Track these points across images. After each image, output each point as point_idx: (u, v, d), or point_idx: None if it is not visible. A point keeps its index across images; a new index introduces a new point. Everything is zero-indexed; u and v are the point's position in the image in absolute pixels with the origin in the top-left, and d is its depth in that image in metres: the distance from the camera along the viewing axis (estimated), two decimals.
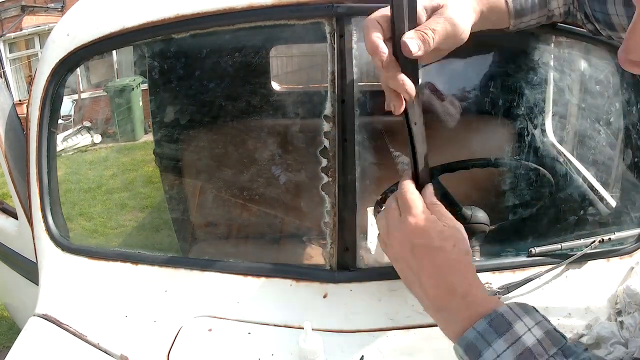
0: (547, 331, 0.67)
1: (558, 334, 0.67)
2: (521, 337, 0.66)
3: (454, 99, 1.32)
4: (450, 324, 0.73)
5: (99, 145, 3.02)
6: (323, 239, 0.99)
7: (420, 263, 0.75)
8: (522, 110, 1.39)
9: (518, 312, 0.68)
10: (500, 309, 0.69)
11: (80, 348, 0.91)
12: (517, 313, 0.68)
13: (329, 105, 0.91)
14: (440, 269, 0.74)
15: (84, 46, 1.04)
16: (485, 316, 0.69)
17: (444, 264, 0.74)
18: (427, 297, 0.75)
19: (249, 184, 1.55)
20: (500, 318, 0.68)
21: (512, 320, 0.67)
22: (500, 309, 0.69)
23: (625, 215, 1.19)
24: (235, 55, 1.45)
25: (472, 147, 1.48)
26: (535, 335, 0.66)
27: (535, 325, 0.67)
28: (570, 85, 1.54)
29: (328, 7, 0.91)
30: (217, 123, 1.65)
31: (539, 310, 0.70)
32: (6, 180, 1.23)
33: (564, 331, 0.69)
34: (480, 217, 1.15)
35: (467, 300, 0.72)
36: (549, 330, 0.67)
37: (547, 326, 0.68)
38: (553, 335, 0.66)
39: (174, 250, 1.64)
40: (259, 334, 0.91)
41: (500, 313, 0.69)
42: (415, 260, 0.76)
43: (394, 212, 0.80)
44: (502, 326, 0.67)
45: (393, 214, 0.80)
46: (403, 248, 0.77)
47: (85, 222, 2.42)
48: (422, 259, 0.75)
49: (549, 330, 0.67)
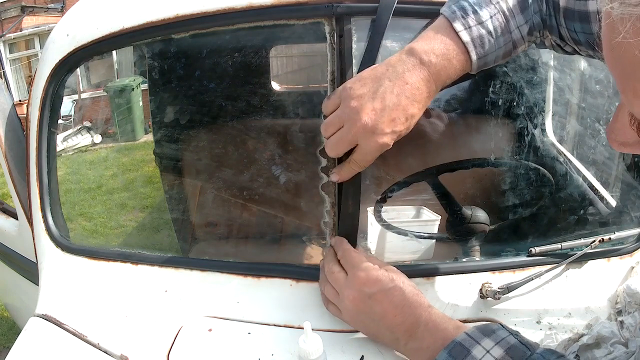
0: (510, 347, 0.70)
1: (524, 347, 0.70)
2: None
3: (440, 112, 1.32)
4: (419, 354, 0.78)
5: (99, 146, 3.02)
6: (323, 239, 0.99)
7: (381, 307, 0.81)
8: (522, 109, 1.39)
9: (476, 337, 0.73)
10: (458, 338, 0.74)
11: (80, 348, 0.91)
12: (475, 338, 0.72)
13: None
14: (401, 305, 0.80)
15: (83, 46, 1.04)
16: (445, 347, 0.74)
17: (402, 301, 0.80)
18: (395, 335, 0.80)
19: (249, 184, 1.55)
20: (459, 346, 0.73)
21: (469, 347, 0.71)
22: (458, 337, 0.74)
23: (625, 214, 1.19)
24: (235, 55, 1.45)
25: (472, 147, 1.48)
26: (494, 356, 0.69)
27: (495, 345, 0.70)
28: (570, 85, 1.54)
29: (328, 7, 0.91)
30: (217, 123, 1.65)
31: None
32: (6, 180, 1.23)
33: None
34: (480, 217, 1.16)
35: (429, 327, 0.78)
36: (512, 346, 0.70)
37: (511, 342, 0.71)
38: (516, 350, 0.69)
39: (174, 250, 1.64)
40: (259, 334, 0.91)
41: (458, 342, 0.73)
42: (376, 307, 0.82)
43: (339, 275, 0.86)
44: (460, 354, 0.72)
45: (338, 277, 0.86)
46: (360, 302, 0.83)
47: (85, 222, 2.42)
48: (382, 303, 0.81)
49: (512, 346, 0.70)
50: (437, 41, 0.79)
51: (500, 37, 0.81)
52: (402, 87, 0.77)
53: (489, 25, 0.80)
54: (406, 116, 0.78)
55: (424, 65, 0.78)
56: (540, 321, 0.91)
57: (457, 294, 0.94)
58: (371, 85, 0.78)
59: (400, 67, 0.78)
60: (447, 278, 0.96)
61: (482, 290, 0.92)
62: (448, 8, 0.81)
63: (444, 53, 0.78)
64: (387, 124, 0.77)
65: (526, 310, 0.92)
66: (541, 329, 0.90)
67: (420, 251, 1.30)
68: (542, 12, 0.83)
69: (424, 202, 1.36)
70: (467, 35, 0.79)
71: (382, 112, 0.77)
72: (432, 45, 0.79)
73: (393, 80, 0.78)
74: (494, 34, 0.80)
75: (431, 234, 1.30)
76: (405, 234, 1.23)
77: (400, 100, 0.77)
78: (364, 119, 0.77)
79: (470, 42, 0.79)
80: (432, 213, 1.36)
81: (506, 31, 0.81)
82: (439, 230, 1.31)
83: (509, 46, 0.83)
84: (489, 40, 0.80)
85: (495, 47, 0.81)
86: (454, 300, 0.93)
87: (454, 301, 0.93)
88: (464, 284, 0.95)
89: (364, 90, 0.78)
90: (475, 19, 0.79)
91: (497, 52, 0.82)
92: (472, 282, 0.94)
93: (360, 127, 0.77)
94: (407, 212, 1.40)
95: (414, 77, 0.78)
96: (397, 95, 0.77)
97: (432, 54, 0.78)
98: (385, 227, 1.23)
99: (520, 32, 0.83)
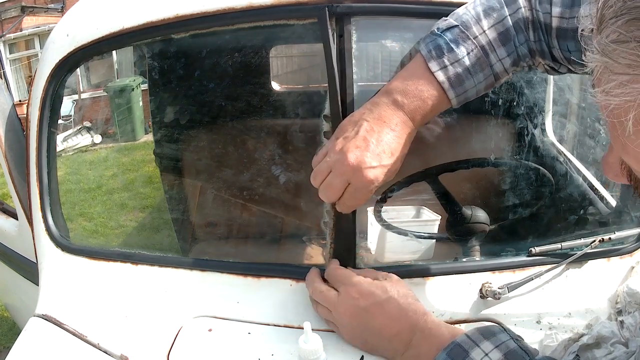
0: (509, 352, 0.70)
1: (523, 352, 0.71)
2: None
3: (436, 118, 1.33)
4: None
5: (99, 146, 3.02)
6: (323, 239, 0.99)
7: (378, 320, 0.82)
8: (522, 109, 1.39)
9: (476, 339, 0.73)
10: (458, 339, 0.74)
11: (80, 348, 0.91)
12: (475, 340, 0.73)
13: (329, 105, 0.91)
14: (397, 316, 0.81)
15: (83, 47, 1.04)
16: (444, 348, 0.74)
17: (398, 312, 0.81)
18: (394, 346, 0.80)
19: (249, 184, 1.55)
20: (458, 348, 0.73)
21: (469, 348, 0.72)
22: (458, 338, 0.74)
23: (625, 214, 1.19)
24: (235, 55, 1.45)
25: (472, 147, 1.48)
26: (492, 359, 0.70)
27: (494, 348, 0.71)
28: (570, 85, 1.54)
29: (328, 7, 0.90)
30: (217, 123, 1.66)
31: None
32: (6, 180, 1.23)
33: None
34: (480, 216, 1.16)
35: (425, 334, 0.78)
36: (511, 351, 0.70)
37: (510, 346, 0.71)
38: (515, 355, 0.70)
39: (174, 250, 1.64)
40: (259, 334, 0.91)
41: (458, 343, 0.74)
42: (372, 321, 0.82)
43: (329, 293, 0.86)
44: (459, 355, 0.72)
45: (330, 296, 0.86)
46: (355, 317, 0.83)
47: (85, 222, 2.42)
48: (378, 316, 0.82)
49: (511, 351, 0.70)
50: (411, 82, 0.80)
51: (480, 73, 0.81)
52: (381, 126, 0.79)
53: (465, 62, 0.79)
54: (391, 150, 0.79)
55: (398, 106, 0.79)
56: (540, 321, 0.91)
57: (457, 294, 0.94)
58: (352, 128, 0.80)
59: (376, 109, 0.80)
60: (447, 278, 0.96)
61: (482, 290, 0.92)
62: (425, 46, 0.81)
63: (416, 94, 0.79)
64: (373, 157, 0.77)
65: (526, 310, 0.92)
66: (541, 329, 0.90)
67: (420, 251, 1.30)
68: (530, 41, 0.83)
69: (424, 202, 1.36)
70: (443, 75, 0.79)
71: (367, 148, 0.77)
72: (405, 86, 0.80)
73: (371, 121, 0.79)
74: (471, 69, 0.80)
75: (431, 234, 1.30)
76: (405, 234, 1.23)
77: (382, 136, 0.78)
78: (349, 156, 0.77)
79: (446, 81, 0.79)
80: (432, 213, 1.36)
81: (486, 65, 0.81)
82: (439, 230, 1.31)
83: (490, 80, 0.83)
84: (467, 77, 0.80)
85: (475, 83, 0.81)
86: (454, 300, 0.93)
87: (454, 301, 0.93)
88: (464, 284, 0.95)
89: (346, 134, 0.80)
90: (451, 57, 0.79)
91: (477, 87, 0.82)
92: (472, 282, 0.94)
93: (348, 166, 0.77)
94: (407, 212, 1.40)
95: (391, 117, 0.79)
96: (378, 133, 0.78)
97: (405, 95, 0.79)
98: (385, 227, 1.23)
99: (502, 65, 0.82)
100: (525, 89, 1.35)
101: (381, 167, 0.78)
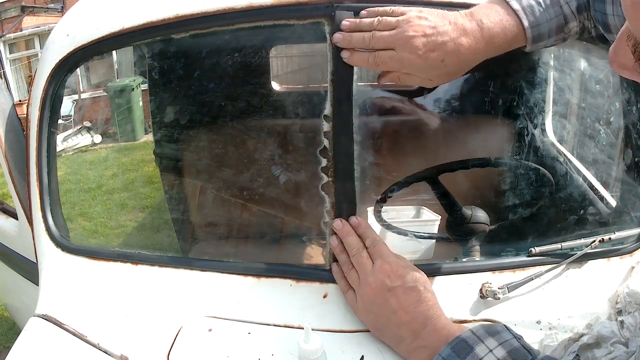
0: (512, 350, 0.71)
1: (526, 351, 0.71)
2: (482, 359, 0.71)
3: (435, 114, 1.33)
4: (421, 352, 0.80)
5: (99, 146, 3.02)
6: (323, 239, 0.99)
7: (396, 302, 0.84)
8: (522, 109, 1.39)
9: (481, 335, 0.74)
10: (463, 335, 0.75)
11: (80, 348, 0.91)
12: (480, 336, 0.74)
13: (329, 105, 0.91)
14: (414, 305, 0.83)
15: (83, 47, 1.04)
16: (449, 342, 0.75)
17: (417, 301, 0.83)
18: (401, 333, 0.83)
19: (249, 184, 1.55)
20: (463, 343, 0.74)
21: (473, 344, 0.73)
22: (463, 334, 0.75)
23: (625, 214, 1.19)
24: (235, 55, 1.45)
25: (472, 147, 1.48)
26: (496, 356, 0.71)
27: (498, 345, 0.72)
28: (570, 85, 1.54)
29: (328, 7, 0.91)
30: (217, 123, 1.65)
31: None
32: (6, 180, 1.23)
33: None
34: (480, 217, 1.16)
35: (435, 327, 0.80)
36: (515, 349, 0.71)
37: (514, 344, 0.72)
38: (518, 353, 0.71)
39: (174, 250, 1.64)
40: (259, 334, 0.91)
41: (463, 338, 0.75)
42: (391, 300, 0.84)
43: (367, 261, 0.88)
44: (464, 350, 0.73)
45: (366, 263, 0.88)
46: (379, 292, 0.85)
47: (85, 222, 2.42)
48: (398, 298, 0.84)
49: (514, 349, 0.71)
50: (492, 10, 0.84)
51: (550, 8, 0.85)
52: (459, 33, 0.81)
53: None
54: (446, 53, 0.81)
55: (480, 28, 0.82)
56: (540, 321, 0.91)
57: (457, 294, 0.94)
58: (436, 19, 0.82)
59: (461, 20, 0.83)
60: (447, 278, 0.96)
61: (482, 290, 0.92)
62: None
63: (498, 20, 0.83)
64: (428, 46, 0.80)
65: (526, 310, 0.92)
66: (541, 329, 0.90)
67: (420, 251, 1.30)
68: None
69: (424, 202, 1.36)
70: (517, 4, 0.84)
71: (430, 37, 0.80)
72: (487, 12, 0.84)
73: (453, 25, 0.82)
74: (543, 4, 0.84)
75: (431, 234, 1.30)
76: (405, 234, 1.23)
77: (453, 38, 0.80)
78: (410, 31, 0.80)
79: (520, 10, 0.83)
80: (432, 213, 1.36)
81: (555, 3, 0.86)
82: (439, 230, 1.31)
83: (560, 19, 0.86)
84: (539, 10, 0.84)
85: (546, 18, 0.85)
86: (454, 300, 0.93)
87: (454, 301, 0.92)
88: (464, 284, 0.95)
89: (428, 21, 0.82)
90: None
91: (549, 24, 0.85)
92: (472, 282, 0.94)
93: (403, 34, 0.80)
94: (407, 212, 1.40)
95: (471, 33, 0.82)
96: (452, 38, 0.81)
97: (488, 20, 0.83)
98: (385, 227, 1.23)
99: (569, 7, 0.86)
100: (525, 89, 1.35)
101: (424, 58, 0.80)
